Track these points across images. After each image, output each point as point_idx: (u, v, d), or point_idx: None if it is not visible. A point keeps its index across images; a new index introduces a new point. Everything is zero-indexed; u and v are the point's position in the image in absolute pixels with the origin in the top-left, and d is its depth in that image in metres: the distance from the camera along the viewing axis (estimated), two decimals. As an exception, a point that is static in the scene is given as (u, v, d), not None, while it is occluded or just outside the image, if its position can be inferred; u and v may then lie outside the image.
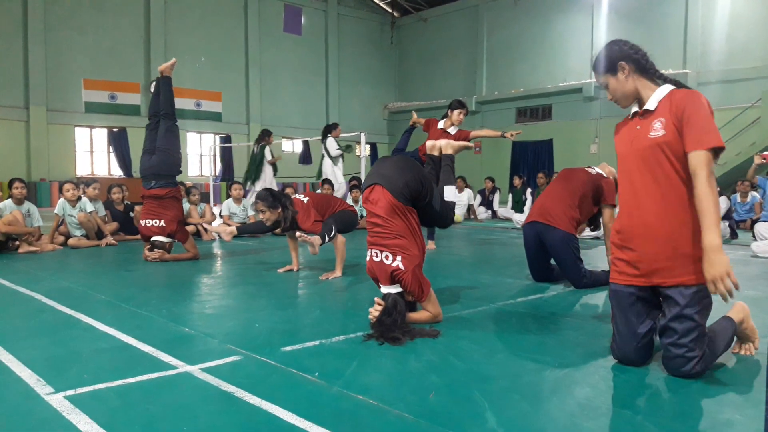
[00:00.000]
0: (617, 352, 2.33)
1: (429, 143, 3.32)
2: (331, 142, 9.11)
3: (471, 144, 3.38)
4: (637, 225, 2.23)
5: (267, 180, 9.33)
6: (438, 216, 3.10)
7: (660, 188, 2.16)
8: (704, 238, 2.01)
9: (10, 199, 6.25)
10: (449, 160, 3.24)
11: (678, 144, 2.12)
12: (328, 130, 9.18)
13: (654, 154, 2.16)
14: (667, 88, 2.22)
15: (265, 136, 9.43)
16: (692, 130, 2.07)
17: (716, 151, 2.07)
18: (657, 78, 2.27)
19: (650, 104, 2.23)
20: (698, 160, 2.05)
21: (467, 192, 11.28)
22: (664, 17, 16.18)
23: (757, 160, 7.35)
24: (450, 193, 3.12)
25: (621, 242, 2.30)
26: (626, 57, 2.24)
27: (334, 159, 9.15)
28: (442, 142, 3.31)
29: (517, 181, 11.68)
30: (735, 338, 2.42)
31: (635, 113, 2.30)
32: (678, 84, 2.28)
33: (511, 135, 5.86)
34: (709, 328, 2.23)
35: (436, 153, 3.29)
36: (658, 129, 2.16)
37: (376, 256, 2.88)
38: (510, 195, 11.76)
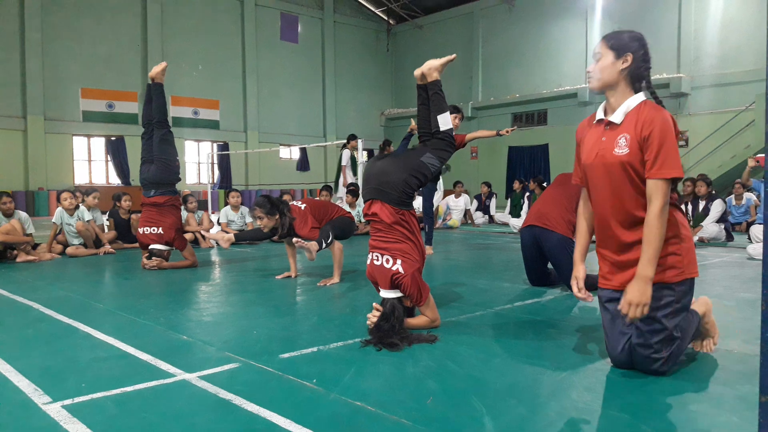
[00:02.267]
0: (608, 355, 2.36)
1: (416, 73, 3.11)
2: None
3: (453, 56, 3.11)
4: (602, 235, 2.30)
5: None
6: (445, 160, 3.06)
7: (621, 202, 2.18)
8: (641, 266, 2.06)
9: None
10: (437, 87, 3.08)
11: (640, 164, 2.11)
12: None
13: (617, 172, 2.16)
14: (637, 99, 2.17)
15: (385, 146, 9.62)
16: (656, 156, 2.06)
17: (675, 180, 2.09)
18: (640, 88, 2.21)
19: (616, 117, 2.18)
20: (656, 187, 2.06)
21: (464, 197, 11.31)
22: (658, 22, 16.28)
23: (751, 163, 7.39)
24: (444, 121, 3.02)
25: (597, 246, 2.39)
26: (636, 56, 2.17)
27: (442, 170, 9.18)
28: (424, 70, 3.07)
29: (516, 185, 11.72)
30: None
31: (600, 121, 2.27)
32: (654, 95, 2.24)
33: (506, 132, 6.08)
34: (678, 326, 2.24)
35: (421, 82, 3.09)
36: (622, 146, 2.14)
37: (377, 260, 2.90)
38: (508, 200, 11.78)
